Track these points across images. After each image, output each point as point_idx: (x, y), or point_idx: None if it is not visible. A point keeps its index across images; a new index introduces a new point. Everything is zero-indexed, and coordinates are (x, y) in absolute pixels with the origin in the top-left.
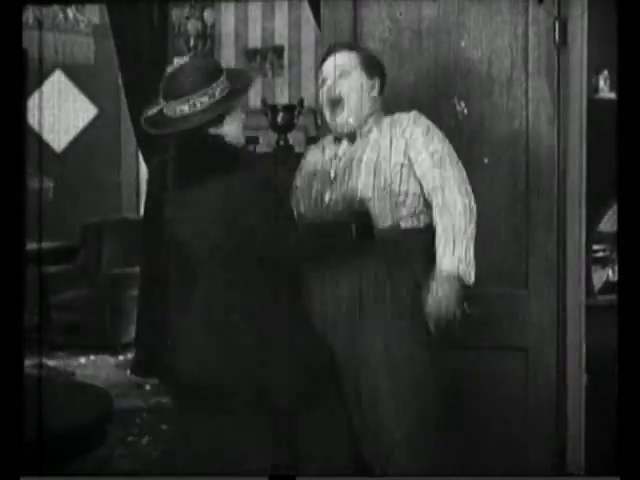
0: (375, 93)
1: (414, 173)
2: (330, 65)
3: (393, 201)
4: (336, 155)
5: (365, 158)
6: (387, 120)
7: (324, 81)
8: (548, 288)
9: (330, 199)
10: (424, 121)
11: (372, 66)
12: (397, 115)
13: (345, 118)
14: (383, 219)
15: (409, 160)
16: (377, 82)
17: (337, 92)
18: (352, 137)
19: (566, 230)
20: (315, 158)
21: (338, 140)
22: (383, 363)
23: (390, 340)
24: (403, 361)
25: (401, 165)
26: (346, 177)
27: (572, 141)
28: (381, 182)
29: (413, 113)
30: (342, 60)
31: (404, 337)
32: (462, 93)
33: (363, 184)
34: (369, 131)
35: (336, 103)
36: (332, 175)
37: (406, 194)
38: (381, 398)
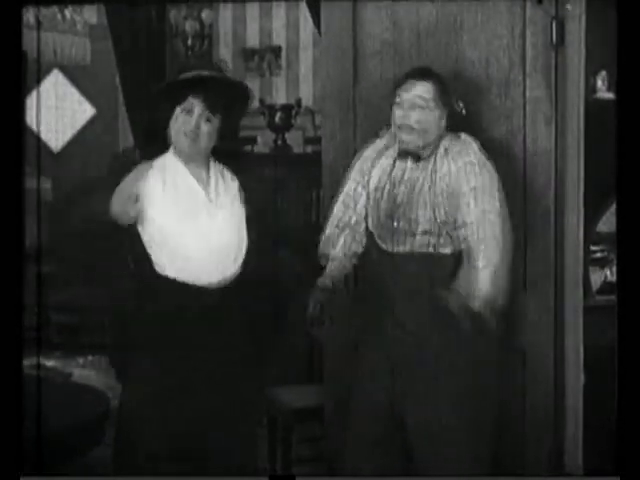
0: (443, 122)
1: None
2: (409, 92)
3: (444, 231)
4: (402, 177)
5: (424, 190)
6: (444, 144)
7: (400, 104)
8: (546, 288)
9: (398, 226)
10: (469, 153)
11: (444, 96)
12: (450, 141)
13: (413, 140)
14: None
15: (455, 192)
16: (446, 111)
17: (411, 121)
18: (416, 156)
19: (564, 230)
20: (384, 171)
21: (403, 156)
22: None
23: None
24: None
25: (452, 198)
26: (409, 207)
27: (570, 141)
28: (440, 215)
29: (461, 141)
30: (421, 91)
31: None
32: (460, 93)
33: (423, 217)
34: (430, 154)
35: (408, 130)
36: (398, 200)
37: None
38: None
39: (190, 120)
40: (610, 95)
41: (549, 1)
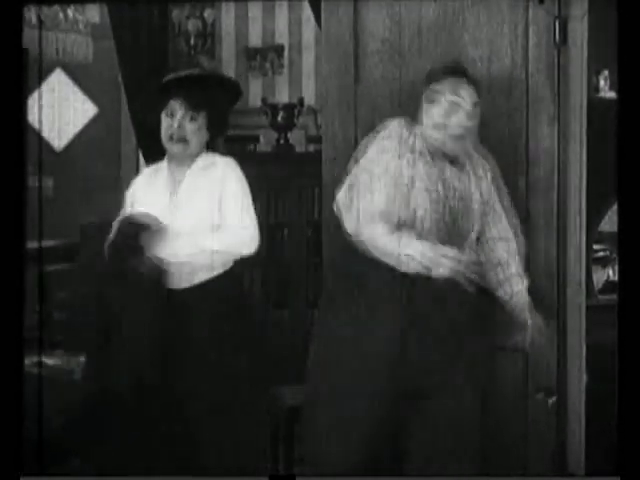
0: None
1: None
2: (468, 94)
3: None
4: (451, 183)
5: (476, 198)
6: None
7: (457, 104)
8: (549, 288)
9: (459, 235)
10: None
11: (479, 102)
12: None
13: (465, 146)
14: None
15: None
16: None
17: (463, 126)
18: (456, 161)
19: (566, 230)
20: (427, 172)
21: (441, 158)
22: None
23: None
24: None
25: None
26: (466, 217)
27: (572, 141)
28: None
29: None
30: (475, 95)
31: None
32: None
33: (477, 228)
34: (465, 163)
35: (457, 137)
36: (454, 208)
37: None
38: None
39: (173, 123)
40: (612, 94)
41: (551, 0)
